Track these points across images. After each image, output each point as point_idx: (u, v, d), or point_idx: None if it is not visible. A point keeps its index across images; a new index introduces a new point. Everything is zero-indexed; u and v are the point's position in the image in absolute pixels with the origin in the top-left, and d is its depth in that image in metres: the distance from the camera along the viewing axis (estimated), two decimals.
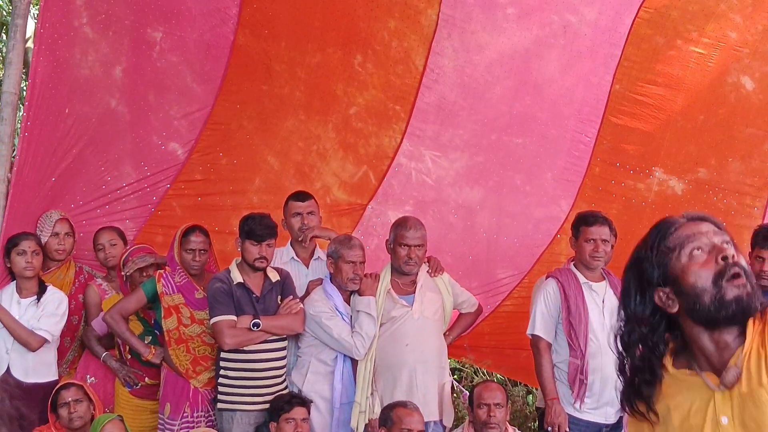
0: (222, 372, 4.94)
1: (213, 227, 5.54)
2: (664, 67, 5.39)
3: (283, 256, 5.36)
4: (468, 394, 5.54)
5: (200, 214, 5.78)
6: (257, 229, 4.88)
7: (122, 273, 5.28)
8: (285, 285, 5.05)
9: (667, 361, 2.14)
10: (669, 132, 5.64)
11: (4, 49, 8.80)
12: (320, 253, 5.43)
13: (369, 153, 6.02)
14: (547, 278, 5.22)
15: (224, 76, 5.53)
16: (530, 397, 7.27)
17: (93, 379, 5.31)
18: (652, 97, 5.48)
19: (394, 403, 4.76)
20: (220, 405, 4.94)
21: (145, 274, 5.24)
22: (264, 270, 4.98)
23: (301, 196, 5.45)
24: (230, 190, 5.96)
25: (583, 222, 5.10)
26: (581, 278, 5.10)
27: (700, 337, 2.05)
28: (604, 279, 5.15)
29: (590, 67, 5.54)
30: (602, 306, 5.07)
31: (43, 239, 5.20)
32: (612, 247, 5.11)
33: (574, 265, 5.19)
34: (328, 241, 5.25)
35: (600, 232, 5.03)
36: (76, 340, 5.41)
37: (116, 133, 5.53)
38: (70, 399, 4.80)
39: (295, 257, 5.42)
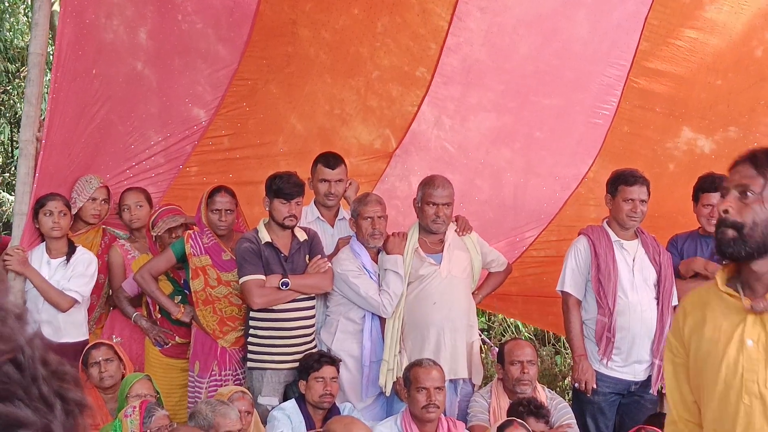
0: (251, 331, 4.95)
1: (241, 179, 5.54)
2: (700, 10, 5.27)
3: (307, 216, 5.34)
4: (497, 349, 5.53)
5: (228, 168, 5.79)
6: (286, 187, 4.86)
7: (152, 234, 5.29)
8: (313, 244, 5.05)
9: (720, 277, 2.27)
10: (697, 90, 5.56)
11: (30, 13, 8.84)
12: (344, 213, 5.42)
13: (392, 116, 5.99)
14: (579, 235, 5.19)
15: (249, 38, 5.47)
16: (558, 357, 7.27)
17: (119, 339, 5.33)
18: (685, 41, 5.37)
19: (413, 362, 4.74)
20: (249, 364, 4.96)
21: (174, 234, 5.25)
22: (292, 229, 4.98)
23: (331, 162, 5.31)
24: (257, 143, 5.94)
25: (622, 181, 4.99)
26: (613, 236, 5.06)
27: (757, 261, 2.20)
28: (637, 237, 5.10)
29: (620, 18, 5.44)
30: (632, 265, 5.04)
31: (80, 202, 5.22)
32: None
33: (606, 222, 5.14)
34: None
35: (639, 192, 4.96)
36: (101, 298, 5.43)
37: (142, 95, 5.53)
38: (100, 358, 4.83)
39: (320, 217, 5.40)
